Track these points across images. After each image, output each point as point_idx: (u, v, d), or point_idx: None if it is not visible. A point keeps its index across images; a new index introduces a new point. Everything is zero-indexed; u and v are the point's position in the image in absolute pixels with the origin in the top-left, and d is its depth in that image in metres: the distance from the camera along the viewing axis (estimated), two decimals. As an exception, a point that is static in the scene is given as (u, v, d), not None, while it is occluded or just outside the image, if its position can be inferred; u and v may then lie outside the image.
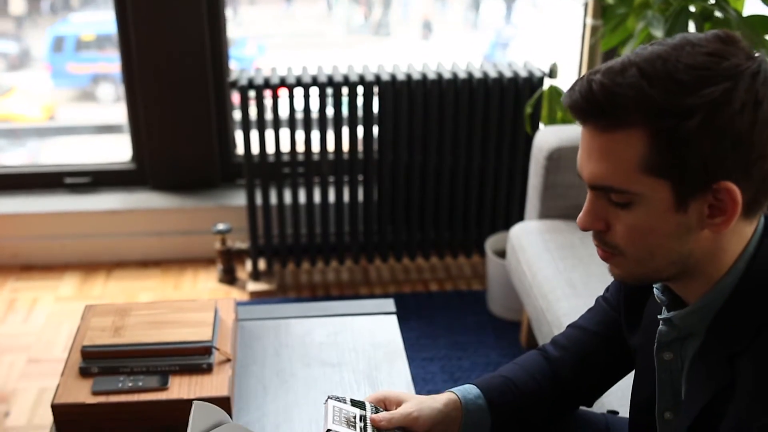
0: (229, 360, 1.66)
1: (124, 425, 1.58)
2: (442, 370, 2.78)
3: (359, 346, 1.81)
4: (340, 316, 1.91)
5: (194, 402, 1.33)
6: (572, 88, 1.09)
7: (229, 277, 3.28)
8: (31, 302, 3.16)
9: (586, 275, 2.38)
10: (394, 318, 1.90)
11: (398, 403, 1.37)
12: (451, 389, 1.41)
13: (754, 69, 1.03)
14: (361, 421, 1.30)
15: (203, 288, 3.26)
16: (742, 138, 1.02)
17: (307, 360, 1.77)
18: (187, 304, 1.79)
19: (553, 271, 2.42)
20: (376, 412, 1.33)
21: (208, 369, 1.63)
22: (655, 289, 1.21)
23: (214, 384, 1.60)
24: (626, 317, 1.34)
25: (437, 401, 1.38)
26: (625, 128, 1.04)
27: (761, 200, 1.08)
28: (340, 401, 1.33)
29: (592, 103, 1.06)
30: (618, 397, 1.92)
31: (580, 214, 1.13)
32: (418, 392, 1.70)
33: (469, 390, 1.40)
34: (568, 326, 1.49)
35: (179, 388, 1.60)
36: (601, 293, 1.47)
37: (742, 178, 1.04)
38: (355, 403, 1.34)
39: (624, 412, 1.56)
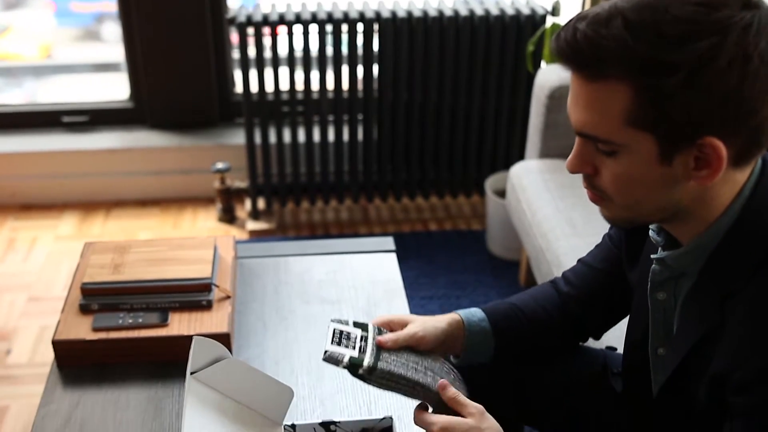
0: (228, 297, 1.66)
1: (125, 361, 1.59)
2: (441, 308, 2.80)
3: (358, 284, 1.81)
4: (339, 254, 1.91)
5: (194, 337, 1.33)
6: (558, 35, 1.07)
7: (229, 217, 3.28)
8: (30, 241, 3.17)
9: (586, 214, 2.38)
10: (393, 256, 1.90)
11: (403, 325, 1.36)
12: (457, 311, 1.43)
13: (747, 21, 0.99)
14: (362, 341, 1.29)
15: (202, 227, 3.26)
16: (730, 95, 0.99)
17: (306, 297, 1.77)
18: (186, 241, 1.79)
19: (553, 210, 2.42)
20: (380, 333, 1.33)
21: (207, 306, 1.64)
22: (650, 230, 1.21)
23: (214, 320, 1.61)
24: (627, 254, 1.35)
25: (441, 321, 1.39)
26: (609, 80, 1.03)
27: (752, 150, 1.06)
28: (342, 323, 1.33)
29: (576, 53, 1.04)
30: (616, 336, 1.93)
31: (569, 157, 1.13)
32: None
33: (473, 313, 1.42)
34: (578, 261, 1.50)
35: (179, 324, 1.60)
36: (602, 232, 1.47)
37: (730, 132, 1.01)
38: (358, 325, 1.34)
39: (622, 349, 1.57)
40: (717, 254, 1.11)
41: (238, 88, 3.37)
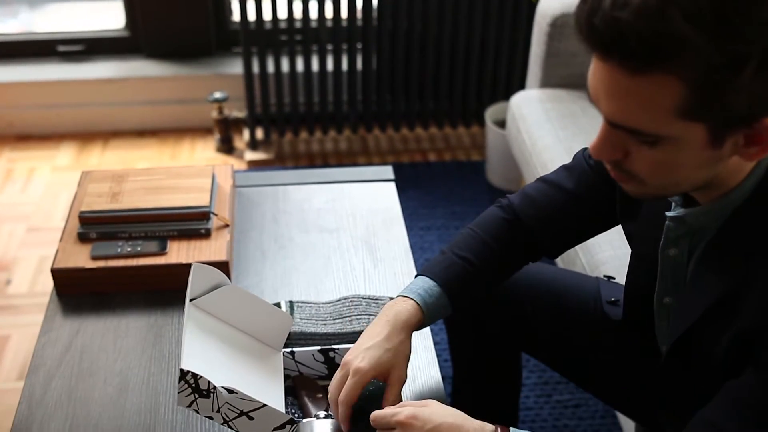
0: (227, 225, 1.66)
1: (123, 289, 1.59)
2: (439, 239, 2.80)
3: (357, 212, 1.80)
4: (338, 183, 1.90)
5: (193, 264, 1.32)
6: (590, 21, 0.93)
7: (227, 147, 3.26)
8: (28, 172, 3.15)
9: (587, 145, 2.36)
10: (392, 185, 1.89)
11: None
12: (410, 296, 1.35)
13: None
14: None
15: (201, 157, 3.24)
16: None
17: (305, 226, 1.77)
18: (184, 169, 1.77)
19: (554, 140, 2.40)
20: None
21: (206, 234, 1.63)
22: None
23: (213, 249, 1.61)
24: (622, 203, 1.30)
25: (404, 342, 1.30)
26: (658, 74, 0.91)
27: None
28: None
29: (620, 46, 0.91)
30: (615, 266, 1.94)
31: (595, 143, 1.02)
32: (415, 260, 1.71)
33: (429, 292, 1.35)
34: (540, 180, 1.44)
35: (178, 252, 1.60)
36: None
37: None
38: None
39: (619, 279, 1.57)
40: (743, 211, 1.06)
41: (236, 16, 3.32)
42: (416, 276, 1.39)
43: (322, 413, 1.33)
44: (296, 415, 1.36)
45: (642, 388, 1.44)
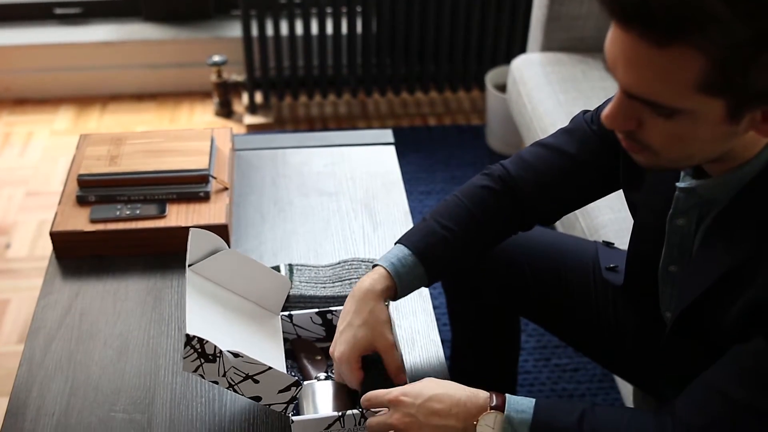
0: (226, 188, 1.65)
1: (123, 252, 1.59)
2: (438, 203, 2.79)
3: (357, 176, 1.80)
4: (337, 146, 1.89)
5: (191, 229, 1.32)
6: None
7: (226, 111, 3.24)
8: (26, 136, 3.14)
9: (588, 108, 2.35)
10: (392, 148, 1.88)
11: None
12: (382, 264, 1.31)
13: None
14: None
15: (199, 121, 3.22)
16: None
17: (304, 189, 1.76)
18: (183, 132, 1.77)
19: (554, 104, 2.39)
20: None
21: (205, 197, 1.63)
22: None
23: (212, 212, 1.60)
24: (627, 171, 1.28)
25: (382, 313, 1.28)
26: (682, 47, 0.88)
27: None
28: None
29: (645, 17, 0.88)
30: (615, 230, 1.94)
31: (608, 112, 1.00)
32: (414, 224, 1.70)
33: (403, 262, 1.31)
34: (537, 144, 1.41)
35: (177, 216, 1.60)
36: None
37: None
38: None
39: (619, 243, 1.57)
40: (756, 183, 1.05)
41: (234, -22, 3.29)
42: (395, 244, 1.36)
43: (322, 375, 1.33)
44: (297, 378, 1.36)
45: (642, 353, 1.44)
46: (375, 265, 1.32)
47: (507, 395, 1.16)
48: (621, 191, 1.34)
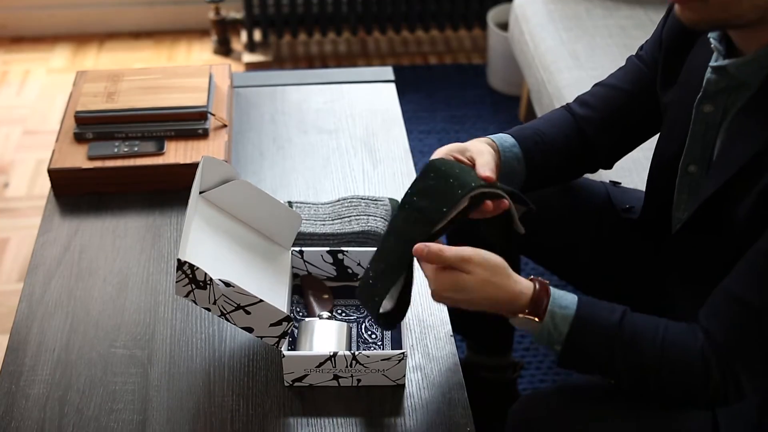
0: (224, 126, 1.64)
1: (121, 190, 1.58)
2: (439, 143, 2.77)
3: (356, 113, 1.78)
4: (337, 83, 1.87)
5: (203, 157, 1.29)
6: None
7: (224, 49, 3.21)
8: (23, 74, 3.11)
9: (590, 47, 2.32)
10: (392, 86, 1.86)
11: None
12: (487, 136, 1.34)
13: None
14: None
15: (197, 59, 3.19)
16: None
17: (303, 127, 1.75)
18: (181, 69, 1.74)
19: (556, 42, 2.36)
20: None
21: (204, 134, 1.61)
22: (711, 39, 1.16)
23: (210, 149, 1.59)
24: (663, 72, 1.30)
25: (481, 142, 1.30)
26: None
27: None
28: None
29: None
30: (620, 167, 1.92)
31: None
32: (414, 163, 1.69)
33: (505, 138, 1.35)
34: (595, 85, 1.44)
35: (175, 153, 1.58)
36: (606, 65, 1.40)
37: None
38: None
39: (626, 184, 1.56)
40: None
41: None
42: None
43: (325, 314, 1.33)
44: (301, 314, 1.36)
45: (649, 290, 1.44)
46: None
47: (552, 288, 1.16)
48: None
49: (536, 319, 1.14)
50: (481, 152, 1.25)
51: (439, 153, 1.26)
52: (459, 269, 1.13)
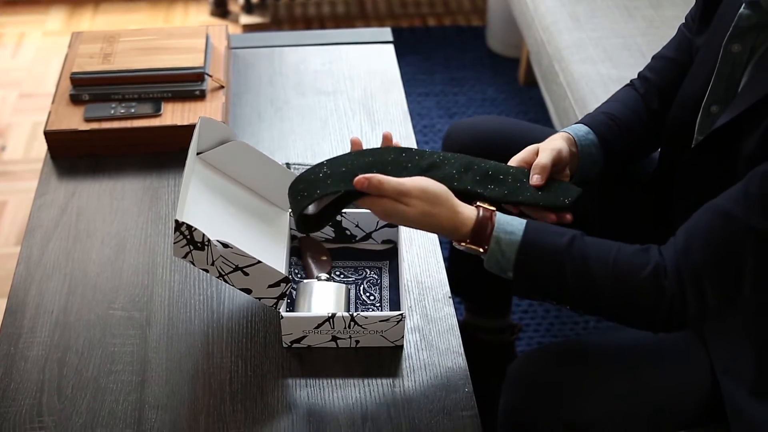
0: (222, 87, 1.63)
1: (117, 151, 1.57)
2: (438, 105, 2.76)
3: (355, 75, 1.77)
4: (335, 44, 1.85)
5: (200, 117, 1.28)
6: None
7: (221, 10, 3.18)
8: (18, 37, 3.08)
9: (590, 9, 2.30)
10: (390, 47, 1.85)
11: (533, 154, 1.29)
12: (562, 129, 1.35)
13: None
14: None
15: (194, 22, 3.16)
16: None
17: (301, 89, 1.73)
18: (177, 30, 1.73)
19: (556, 3, 2.34)
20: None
21: (201, 95, 1.60)
22: None
23: (208, 110, 1.58)
24: (700, 17, 1.30)
25: (557, 139, 1.30)
26: None
27: None
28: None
29: None
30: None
31: None
32: (413, 126, 1.68)
33: (578, 128, 1.34)
34: (653, 57, 1.45)
35: (172, 114, 1.57)
36: (605, 25, 1.38)
37: None
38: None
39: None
40: None
41: None
42: None
43: (323, 275, 1.33)
44: (299, 276, 1.36)
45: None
46: None
47: (498, 213, 1.13)
48: None
49: (480, 249, 1.11)
50: (544, 149, 1.26)
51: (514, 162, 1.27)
52: (399, 202, 1.11)
